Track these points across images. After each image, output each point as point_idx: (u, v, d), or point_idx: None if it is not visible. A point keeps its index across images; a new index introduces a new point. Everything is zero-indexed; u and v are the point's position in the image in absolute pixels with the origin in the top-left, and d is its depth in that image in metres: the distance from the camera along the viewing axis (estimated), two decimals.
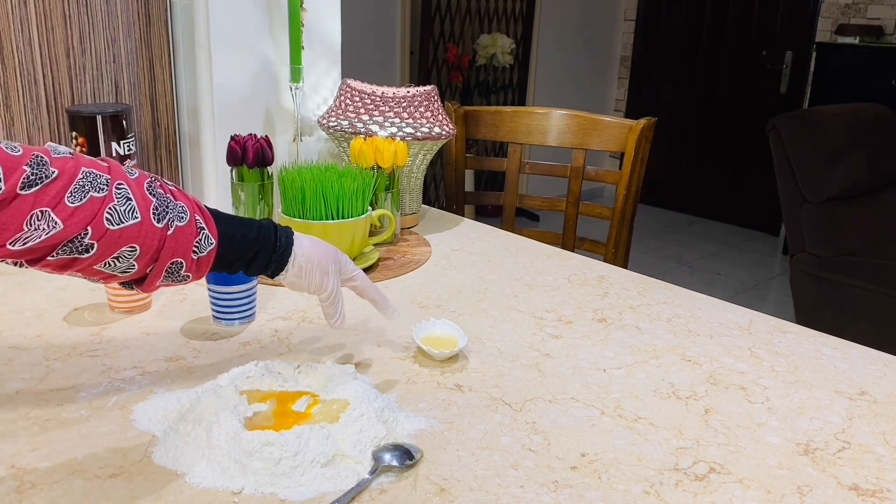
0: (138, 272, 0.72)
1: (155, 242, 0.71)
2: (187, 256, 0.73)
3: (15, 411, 0.79)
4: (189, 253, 0.73)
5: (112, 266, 0.70)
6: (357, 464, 0.70)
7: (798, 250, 2.68)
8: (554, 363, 0.93)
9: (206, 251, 0.75)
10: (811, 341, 1.02)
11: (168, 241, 0.71)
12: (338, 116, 1.42)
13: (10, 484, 0.67)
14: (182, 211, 0.73)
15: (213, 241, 0.75)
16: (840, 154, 2.66)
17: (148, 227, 0.70)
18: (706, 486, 0.70)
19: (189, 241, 0.73)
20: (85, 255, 0.68)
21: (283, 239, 0.82)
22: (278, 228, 0.82)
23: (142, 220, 0.69)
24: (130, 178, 0.71)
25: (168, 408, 0.78)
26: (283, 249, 0.81)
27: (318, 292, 0.85)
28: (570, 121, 1.74)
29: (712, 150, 4.86)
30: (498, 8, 4.47)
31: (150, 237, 0.70)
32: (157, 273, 0.73)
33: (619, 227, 1.69)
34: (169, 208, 0.72)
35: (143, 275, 0.73)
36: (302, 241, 0.84)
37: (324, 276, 0.84)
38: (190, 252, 0.73)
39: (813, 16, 4.30)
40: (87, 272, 0.70)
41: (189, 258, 0.74)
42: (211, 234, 0.75)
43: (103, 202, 0.67)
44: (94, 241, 0.67)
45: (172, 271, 0.74)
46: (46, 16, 1.24)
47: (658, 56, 5.04)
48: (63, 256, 0.67)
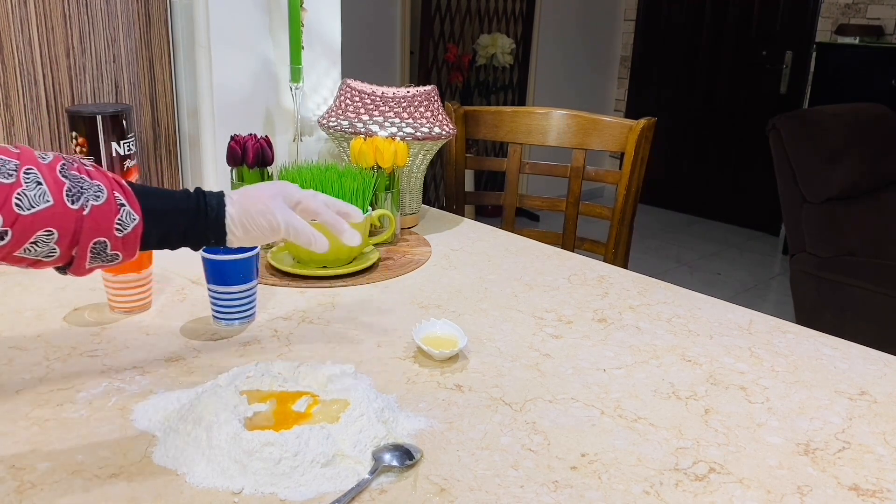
0: (62, 256, 0.71)
1: (71, 224, 0.70)
2: (110, 235, 0.72)
3: (15, 411, 0.79)
4: (111, 231, 0.72)
5: (32, 252, 0.69)
6: (357, 464, 0.70)
7: (798, 250, 2.68)
8: (554, 363, 0.93)
9: (130, 228, 0.74)
10: (811, 341, 1.02)
11: (86, 222, 0.70)
12: (338, 116, 1.42)
13: (10, 484, 0.67)
14: (98, 190, 0.72)
15: (136, 217, 0.74)
16: (840, 154, 2.66)
17: (62, 209, 0.69)
18: (706, 486, 0.70)
19: (109, 219, 0.72)
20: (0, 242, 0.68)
21: (213, 204, 0.79)
22: (207, 194, 0.80)
23: (54, 203, 0.69)
24: (42, 163, 0.70)
25: (168, 408, 0.78)
26: (216, 214, 0.79)
27: (276, 235, 0.83)
28: (570, 121, 1.74)
29: (712, 150, 4.86)
30: (498, 8, 4.47)
31: (65, 220, 0.69)
32: (82, 255, 0.72)
33: (619, 227, 1.69)
34: (84, 189, 0.71)
35: (68, 258, 0.72)
36: (232, 198, 0.81)
37: (269, 216, 0.81)
38: (112, 230, 0.72)
39: (813, 16, 4.30)
40: (10, 260, 0.70)
41: (112, 237, 0.72)
42: (133, 210, 0.74)
43: (12, 188, 0.67)
44: (6, 228, 0.67)
45: (98, 251, 0.73)
46: (46, 16, 1.24)
47: (658, 56, 5.04)
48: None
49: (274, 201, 0.82)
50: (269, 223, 0.81)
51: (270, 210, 0.81)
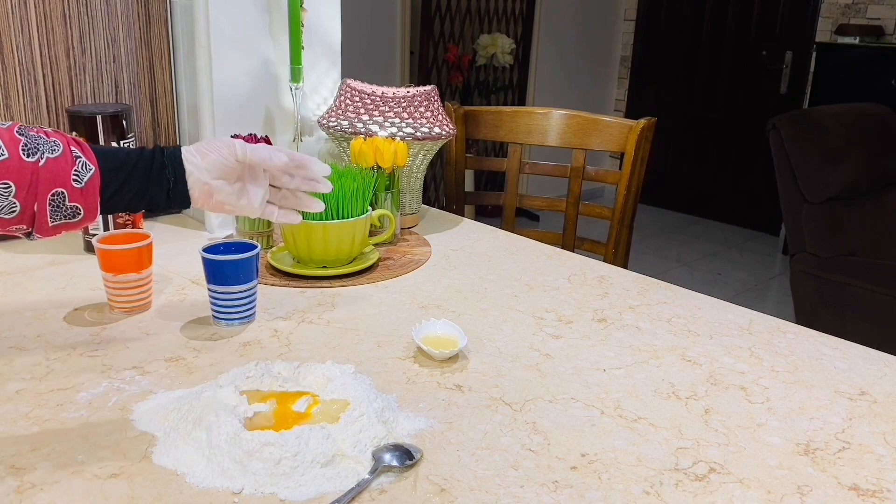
0: (23, 210, 0.73)
1: (27, 175, 0.72)
2: (67, 185, 0.74)
3: (15, 411, 0.79)
4: (69, 181, 0.74)
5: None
6: (357, 464, 0.70)
7: (798, 250, 2.68)
8: (554, 363, 0.93)
9: (86, 177, 0.75)
10: (811, 341, 1.02)
11: (42, 173, 0.73)
12: (338, 116, 1.42)
13: (11, 484, 0.67)
14: (55, 145, 0.75)
15: (91, 168, 0.76)
16: (840, 154, 2.66)
17: (17, 162, 0.72)
18: (706, 486, 0.70)
19: (66, 169, 0.74)
20: None
21: (169, 148, 0.81)
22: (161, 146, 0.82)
23: (10, 157, 0.72)
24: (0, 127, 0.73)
25: (168, 408, 0.78)
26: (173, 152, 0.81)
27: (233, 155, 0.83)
28: (570, 121, 1.74)
29: (712, 150, 4.86)
30: (498, 8, 4.47)
31: (21, 171, 0.72)
32: (42, 210, 0.74)
33: (619, 227, 1.69)
34: (40, 144, 0.74)
35: (30, 214, 0.74)
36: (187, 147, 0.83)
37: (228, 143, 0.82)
38: (69, 180, 0.74)
39: (813, 16, 4.30)
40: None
41: (70, 187, 0.74)
42: (89, 161, 0.76)
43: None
44: None
45: (57, 204, 0.75)
46: (46, 16, 1.24)
47: (658, 56, 5.04)
48: None
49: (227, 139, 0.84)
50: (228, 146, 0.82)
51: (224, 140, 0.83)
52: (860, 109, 2.96)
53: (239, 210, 0.86)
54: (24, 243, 1.27)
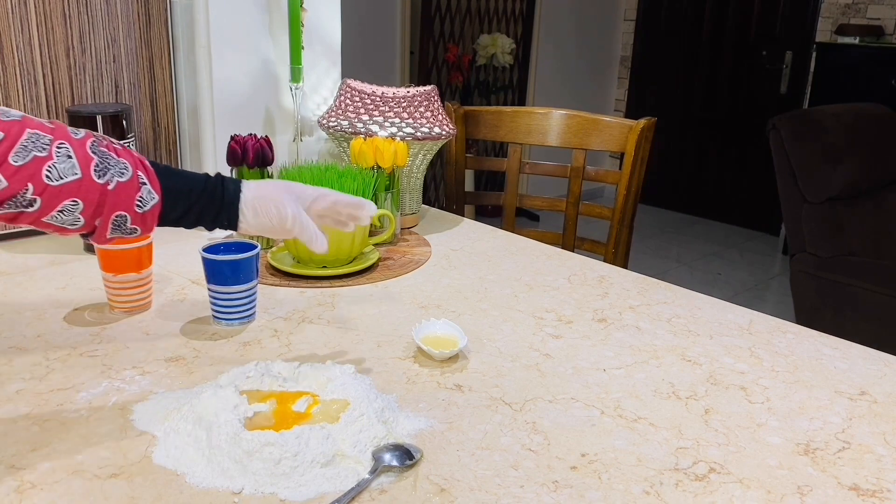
0: (86, 225, 0.77)
1: (96, 197, 0.75)
2: (131, 210, 0.78)
3: (15, 411, 0.79)
4: (132, 207, 0.78)
5: (59, 219, 0.75)
6: (357, 464, 0.70)
7: (798, 250, 2.68)
8: (554, 363, 0.93)
9: (149, 205, 0.79)
10: (811, 341, 1.02)
11: (110, 196, 0.76)
12: (338, 116, 1.42)
13: (10, 484, 0.67)
14: (124, 168, 0.77)
15: (156, 196, 0.79)
16: (840, 154, 2.66)
17: (89, 182, 0.75)
18: (706, 486, 0.70)
19: (131, 195, 0.77)
20: (30, 209, 0.73)
21: (230, 188, 0.84)
22: (225, 178, 0.85)
23: (82, 177, 0.74)
24: (74, 139, 0.76)
25: (168, 408, 0.78)
26: (231, 198, 0.84)
27: (282, 223, 0.86)
28: (570, 121, 1.74)
29: (712, 150, 4.86)
30: (498, 8, 4.47)
31: (90, 192, 0.75)
32: (104, 226, 0.78)
33: (619, 227, 1.69)
34: (110, 165, 0.76)
35: (91, 227, 0.78)
36: (249, 184, 0.86)
37: (280, 207, 0.86)
38: (133, 206, 0.78)
39: (813, 16, 4.30)
40: (39, 225, 0.75)
41: (133, 212, 0.78)
42: (154, 190, 0.79)
43: (44, 161, 0.72)
44: (36, 197, 0.72)
45: (118, 224, 0.78)
46: (46, 16, 1.24)
47: (658, 56, 5.04)
48: (10, 210, 0.73)
49: (287, 195, 0.87)
50: (279, 212, 0.85)
51: (282, 201, 0.86)
52: (860, 109, 2.96)
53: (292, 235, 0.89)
54: (24, 243, 1.27)
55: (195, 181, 0.84)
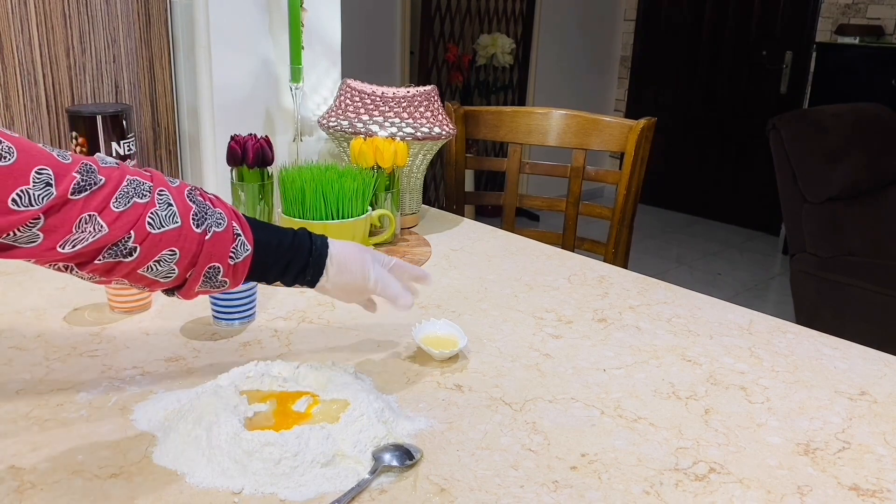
0: (178, 277, 0.75)
1: (194, 247, 0.73)
2: (224, 261, 0.76)
3: (15, 411, 0.79)
4: (226, 258, 0.76)
5: (154, 270, 0.73)
6: (357, 464, 0.70)
7: (798, 250, 2.68)
8: (554, 363, 0.93)
9: (242, 257, 0.77)
10: (811, 341, 1.02)
11: (206, 246, 0.74)
12: (338, 116, 1.42)
13: (11, 484, 0.67)
14: (220, 217, 0.76)
15: (248, 248, 0.78)
16: (840, 154, 2.66)
17: (187, 231, 0.73)
18: (706, 486, 0.70)
19: (226, 246, 0.76)
20: (128, 258, 0.70)
21: (318, 243, 0.83)
22: (312, 235, 0.84)
23: (181, 225, 0.72)
24: (172, 186, 0.74)
25: (168, 408, 0.78)
26: (319, 252, 0.83)
27: (365, 282, 0.86)
28: (570, 121, 1.74)
29: (712, 150, 4.86)
30: (498, 8, 4.47)
31: (189, 241, 0.73)
32: (196, 277, 0.75)
33: (619, 227, 1.69)
34: (207, 214, 0.75)
35: (182, 280, 0.75)
36: (335, 242, 0.85)
37: (363, 266, 0.85)
38: (227, 257, 0.76)
39: (813, 16, 4.30)
40: (132, 277, 0.73)
41: (226, 263, 0.76)
42: (247, 241, 0.78)
43: (146, 207, 0.70)
44: (136, 245, 0.70)
45: (210, 276, 0.76)
46: (46, 16, 1.24)
47: (658, 56, 5.04)
48: (108, 260, 0.70)
49: (369, 255, 0.87)
50: (363, 270, 0.85)
51: (367, 261, 0.86)
52: (860, 109, 2.96)
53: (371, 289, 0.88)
54: None
55: (284, 234, 0.82)
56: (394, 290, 0.87)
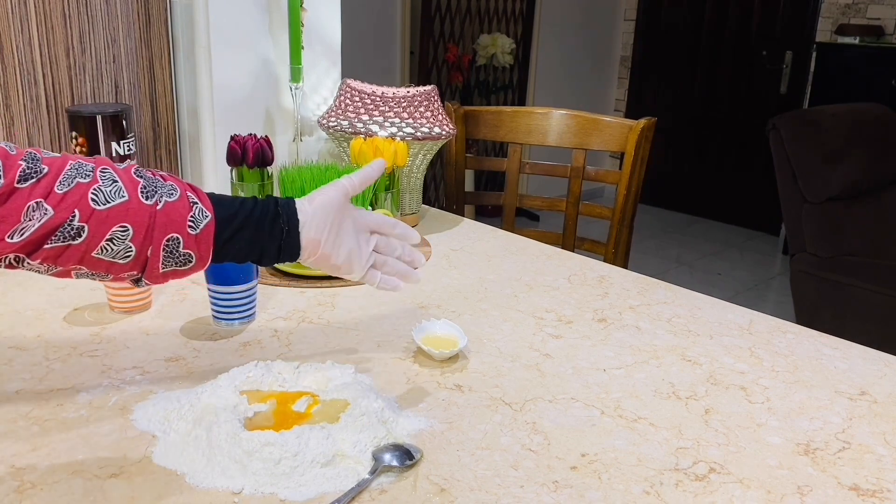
0: (137, 255, 0.71)
1: (146, 219, 0.71)
2: (183, 231, 0.72)
3: (15, 411, 0.79)
4: (185, 228, 0.72)
5: (108, 251, 0.70)
6: (357, 464, 0.70)
7: (798, 250, 2.68)
8: (554, 363, 0.93)
9: (202, 224, 0.73)
10: (811, 341, 1.02)
11: (159, 217, 0.71)
12: (338, 116, 1.42)
13: (11, 484, 0.67)
14: (172, 189, 0.73)
15: (208, 215, 0.74)
16: (840, 154, 2.66)
17: (136, 204, 0.70)
18: (706, 486, 0.70)
19: (182, 215, 0.72)
20: (77, 240, 0.68)
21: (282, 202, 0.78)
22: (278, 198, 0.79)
23: (129, 199, 0.70)
24: (117, 167, 0.73)
25: (168, 408, 0.78)
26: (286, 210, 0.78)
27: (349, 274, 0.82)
28: (570, 121, 1.74)
29: (712, 149, 4.86)
30: (498, 8, 4.47)
31: (139, 214, 0.70)
32: (156, 254, 0.72)
33: (619, 227, 1.69)
34: (157, 187, 0.73)
35: (143, 259, 0.72)
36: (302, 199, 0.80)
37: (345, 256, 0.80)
38: (185, 227, 0.72)
39: (813, 16, 4.30)
40: (88, 263, 0.70)
41: (185, 233, 0.72)
42: (206, 208, 0.74)
43: (89, 185, 0.69)
44: (83, 224, 0.68)
45: (171, 250, 0.72)
46: (46, 16, 1.24)
47: (658, 56, 5.04)
48: (57, 244, 0.68)
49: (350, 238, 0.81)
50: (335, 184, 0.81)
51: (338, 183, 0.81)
52: (860, 109, 2.96)
53: (344, 268, 0.82)
54: None
55: (246, 200, 0.78)
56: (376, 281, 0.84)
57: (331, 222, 0.79)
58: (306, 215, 0.78)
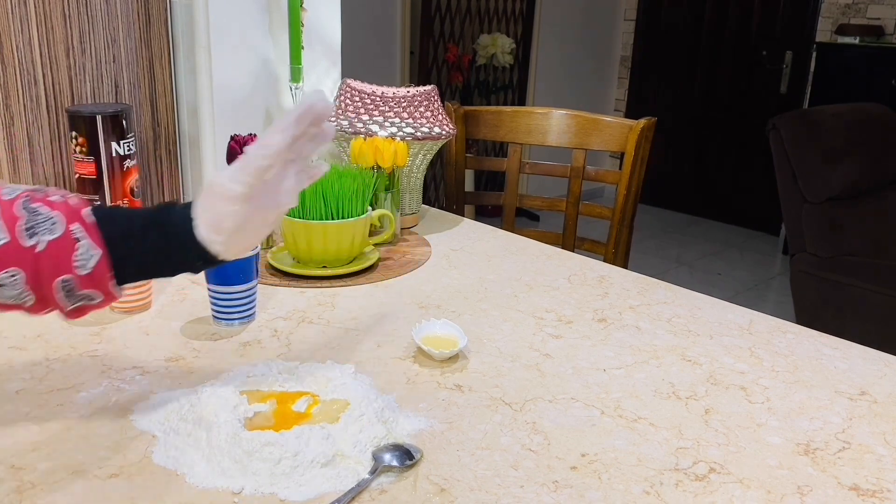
0: (38, 298, 0.66)
1: (29, 262, 0.64)
2: (72, 272, 0.65)
3: (15, 411, 0.79)
4: (72, 269, 0.65)
5: (6, 296, 0.65)
6: (357, 464, 0.70)
7: (798, 250, 2.68)
8: (554, 363, 0.93)
9: (92, 263, 0.66)
10: (811, 341, 1.02)
11: (42, 259, 0.64)
12: (338, 116, 1.42)
13: (10, 484, 0.67)
14: (53, 223, 0.65)
15: (97, 251, 0.66)
16: (840, 154, 2.66)
17: (15, 247, 0.64)
18: (706, 486, 0.70)
19: (67, 254, 0.65)
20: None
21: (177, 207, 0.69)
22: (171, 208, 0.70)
23: (10, 240, 0.64)
24: (3, 199, 0.66)
25: (168, 408, 0.78)
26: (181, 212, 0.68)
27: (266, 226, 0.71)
28: (570, 121, 1.74)
29: (712, 149, 4.86)
30: (498, 8, 4.47)
31: (21, 257, 0.64)
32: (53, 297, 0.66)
33: (619, 227, 1.69)
34: (38, 222, 0.65)
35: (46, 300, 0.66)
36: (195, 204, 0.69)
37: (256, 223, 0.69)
38: (73, 268, 0.65)
39: (813, 16, 4.30)
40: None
41: (75, 274, 0.65)
42: (94, 243, 0.66)
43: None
44: None
45: (69, 290, 0.66)
46: (46, 16, 1.24)
47: (658, 56, 5.04)
48: None
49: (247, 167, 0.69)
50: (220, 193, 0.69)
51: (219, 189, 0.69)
52: (860, 109, 2.96)
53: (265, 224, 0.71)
54: None
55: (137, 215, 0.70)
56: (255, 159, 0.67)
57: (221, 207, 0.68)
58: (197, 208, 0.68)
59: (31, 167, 1.27)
